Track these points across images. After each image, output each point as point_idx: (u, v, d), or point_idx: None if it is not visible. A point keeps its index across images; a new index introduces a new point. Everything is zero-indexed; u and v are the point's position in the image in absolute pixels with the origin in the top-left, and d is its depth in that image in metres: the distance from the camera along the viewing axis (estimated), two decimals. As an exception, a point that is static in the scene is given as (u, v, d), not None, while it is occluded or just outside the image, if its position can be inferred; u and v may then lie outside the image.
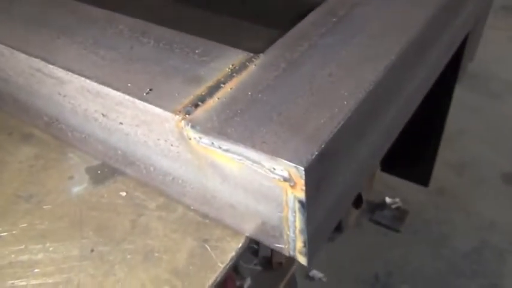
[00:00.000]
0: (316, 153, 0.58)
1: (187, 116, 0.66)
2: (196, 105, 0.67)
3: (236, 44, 0.80)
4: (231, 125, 0.63)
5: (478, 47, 1.68)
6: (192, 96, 0.69)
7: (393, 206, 2.36)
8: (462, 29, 1.14)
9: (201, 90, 0.70)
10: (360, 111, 0.67)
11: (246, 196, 0.67)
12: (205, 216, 0.78)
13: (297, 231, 0.65)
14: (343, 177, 0.71)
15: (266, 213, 0.67)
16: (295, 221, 0.64)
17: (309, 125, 0.62)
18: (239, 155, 0.62)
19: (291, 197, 0.61)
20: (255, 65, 0.74)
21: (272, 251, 0.74)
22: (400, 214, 2.33)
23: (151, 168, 0.79)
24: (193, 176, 0.73)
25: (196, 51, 0.78)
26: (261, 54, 0.76)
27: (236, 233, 0.75)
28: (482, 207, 2.35)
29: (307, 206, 0.61)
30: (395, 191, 2.40)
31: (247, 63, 0.74)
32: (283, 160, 0.58)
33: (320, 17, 0.84)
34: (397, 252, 2.19)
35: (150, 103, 0.68)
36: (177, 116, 0.66)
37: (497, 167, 2.53)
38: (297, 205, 0.61)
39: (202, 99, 0.69)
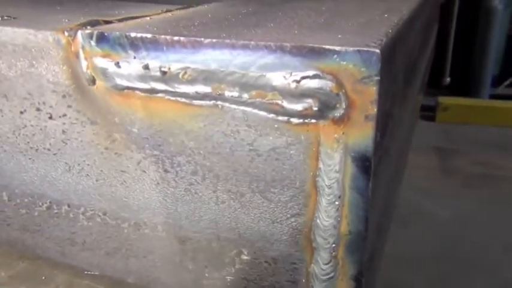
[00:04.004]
0: (389, 36, 0.27)
1: (86, 29, 0.32)
2: (107, 22, 0.34)
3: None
4: (192, 30, 0.31)
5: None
6: (95, 16, 0.36)
7: None
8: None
9: (114, 18, 0.37)
10: (413, 29, 0.39)
11: (221, 195, 0.31)
12: (120, 283, 0.38)
13: (343, 246, 0.29)
14: (396, 136, 0.39)
15: (259, 228, 0.31)
16: (339, 216, 0.29)
17: (354, 25, 0.32)
18: (213, 80, 0.29)
19: (331, 152, 0.27)
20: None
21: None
22: None
23: None
24: (96, 185, 0.35)
25: None
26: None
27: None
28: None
29: (375, 168, 0.27)
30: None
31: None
32: (327, 49, 0.25)
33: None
34: None
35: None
36: (66, 33, 0.32)
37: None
38: (351, 169, 0.27)
39: (116, 19, 0.35)
